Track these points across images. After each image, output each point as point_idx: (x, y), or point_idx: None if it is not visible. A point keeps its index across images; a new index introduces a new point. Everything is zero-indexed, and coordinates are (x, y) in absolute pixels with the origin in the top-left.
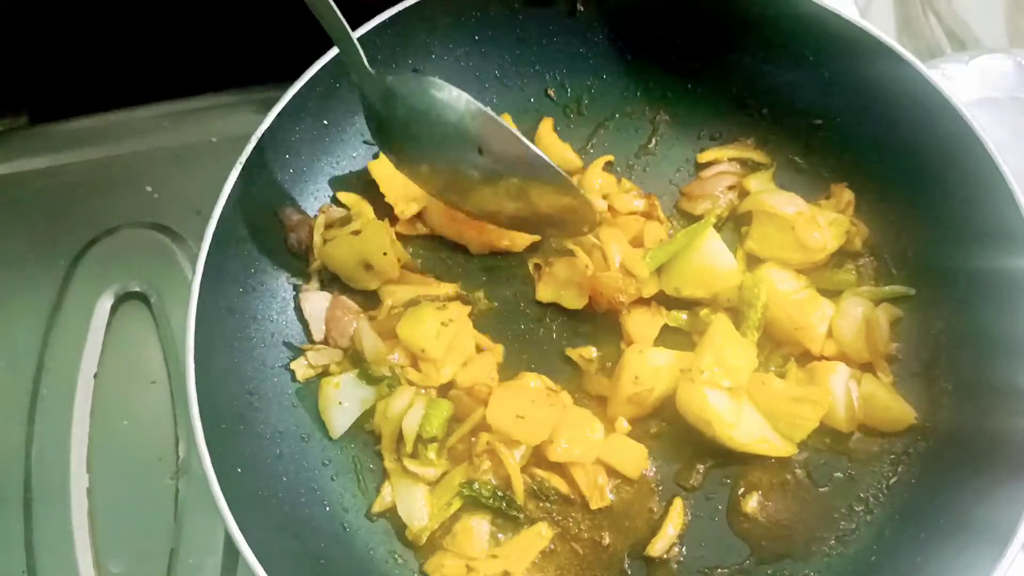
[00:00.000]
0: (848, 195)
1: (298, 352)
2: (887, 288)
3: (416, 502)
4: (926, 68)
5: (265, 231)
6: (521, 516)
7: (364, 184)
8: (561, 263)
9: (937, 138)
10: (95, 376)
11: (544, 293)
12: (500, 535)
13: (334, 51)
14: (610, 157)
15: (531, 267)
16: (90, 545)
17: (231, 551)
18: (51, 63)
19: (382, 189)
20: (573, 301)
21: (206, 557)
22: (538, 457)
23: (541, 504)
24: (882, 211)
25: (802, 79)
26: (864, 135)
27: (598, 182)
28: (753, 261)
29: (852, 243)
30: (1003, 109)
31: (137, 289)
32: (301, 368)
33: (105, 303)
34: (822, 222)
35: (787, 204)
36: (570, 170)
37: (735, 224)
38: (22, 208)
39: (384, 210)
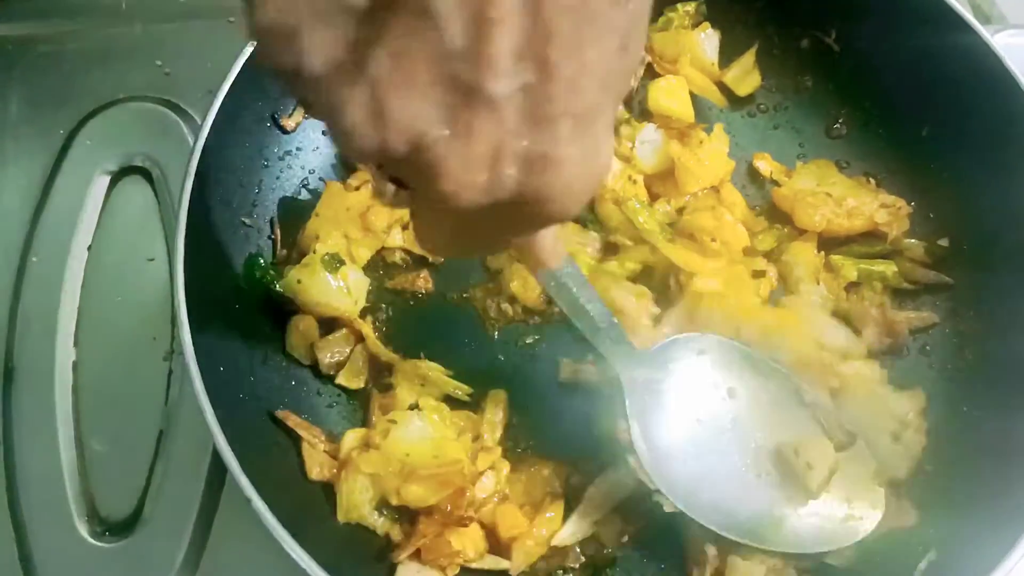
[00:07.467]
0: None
1: None
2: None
3: None
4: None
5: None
6: None
7: None
8: None
9: (987, 105)
10: (89, 248)
11: None
12: None
13: None
14: None
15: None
16: (72, 420)
17: None
18: None
19: None
20: None
21: (197, 442)
22: None
23: None
24: (915, 183)
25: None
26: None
27: None
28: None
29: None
30: None
31: (139, 164)
32: None
33: (105, 175)
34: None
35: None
36: None
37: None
38: (27, 70)
39: None
